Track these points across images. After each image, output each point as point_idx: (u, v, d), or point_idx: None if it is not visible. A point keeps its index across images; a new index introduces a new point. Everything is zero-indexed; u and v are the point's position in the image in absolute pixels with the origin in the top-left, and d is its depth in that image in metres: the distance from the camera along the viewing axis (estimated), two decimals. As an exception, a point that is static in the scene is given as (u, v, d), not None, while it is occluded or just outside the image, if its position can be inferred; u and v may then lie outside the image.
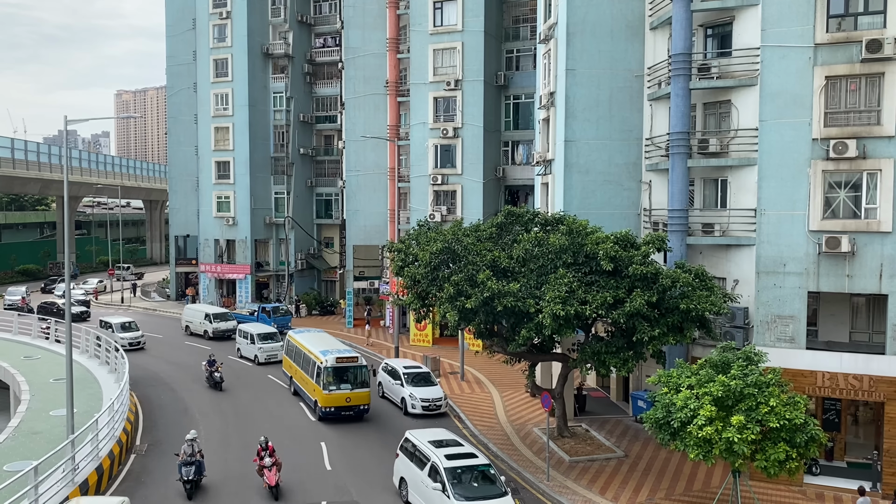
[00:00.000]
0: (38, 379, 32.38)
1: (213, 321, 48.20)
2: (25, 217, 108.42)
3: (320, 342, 32.50)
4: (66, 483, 20.15)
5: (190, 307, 51.70)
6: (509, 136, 46.77)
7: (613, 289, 22.26)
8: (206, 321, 48.42)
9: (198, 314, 49.37)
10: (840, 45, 21.97)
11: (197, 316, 49.39)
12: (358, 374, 29.58)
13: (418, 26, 45.76)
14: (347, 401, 29.17)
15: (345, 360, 29.68)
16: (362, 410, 29.66)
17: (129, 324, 44.95)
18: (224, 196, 58.89)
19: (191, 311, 50.57)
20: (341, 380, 29.30)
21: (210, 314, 48.74)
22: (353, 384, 29.44)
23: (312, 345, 31.87)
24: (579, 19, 29.46)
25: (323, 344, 31.98)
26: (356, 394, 29.38)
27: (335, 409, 29.11)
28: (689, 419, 18.30)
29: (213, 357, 35.48)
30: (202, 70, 58.87)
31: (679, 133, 25.61)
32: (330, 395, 29.00)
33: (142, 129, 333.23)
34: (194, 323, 49.47)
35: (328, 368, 29.20)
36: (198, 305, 53.06)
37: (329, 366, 29.27)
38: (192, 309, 50.73)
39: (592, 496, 22.14)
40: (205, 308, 50.74)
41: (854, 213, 22.19)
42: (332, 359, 29.53)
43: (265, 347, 40.86)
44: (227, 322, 48.56)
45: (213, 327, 48.02)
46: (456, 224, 27.53)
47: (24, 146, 79.00)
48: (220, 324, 48.23)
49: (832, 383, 22.30)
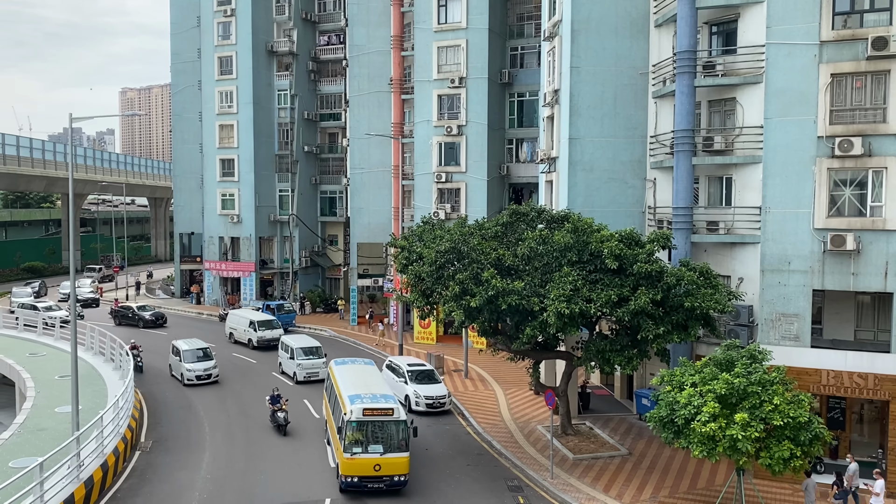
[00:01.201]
0: (44, 376, 32.49)
1: (258, 329, 43.86)
2: (31, 214, 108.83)
3: (356, 380, 25.31)
4: (71, 479, 20.22)
5: (234, 313, 47.37)
6: (513, 134, 46.73)
7: (618, 287, 22.24)
8: (250, 329, 44.24)
9: (242, 321, 45.19)
10: (846, 42, 21.89)
11: (241, 323, 45.21)
12: (393, 433, 22.10)
13: (423, 24, 45.73)
14: (376, 469, 21.72)
15: (376, 411, 22.10)
16: (397, 483, 22.08)
17: (203, 351, 35.96)
18: (228, 193, 58.97)
19: (235, 318, 46.41)
20: (370, 439, 22.02)
21: (255, 322, 44.35)
22: (386, 446, 21.96)
23: (346, 383, 24.95)
24: (584, 16, 29.40)
25: (358, 384, 24.80)
26: (389, 460, 21.83)
27: (359, 480, 21.79)
28: (692, 416, 18.29)
29: (278, 393, 28.88)
30: (206, 67, 58.94)
31: (684, 131, 25.55)
32: (352, 460, 21.72)
33: (146, 126, 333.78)
34: (238, 330, 45.44)
35: (352, 423, 21.91)
36: (242, 311, 48.21)
37: (354, 419, 21.92)
38: (237, 315, 46.53)
39: (596, 494, 22.14)
40: (249, 314, 46.17)
41: (859, 211, 22.11)
42: (358, 409, 22.04)
43: (305, 364, 35.62)
44: (273, 330, 44.20)
45: (257, 336, 43.67)
46: (460, 222, 27.52)
47: (29, 144, 79.22)
48: (265, 332, 43.81)
49: (837, 381, 22.25)
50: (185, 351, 35.50)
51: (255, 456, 25.35)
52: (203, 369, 34.95)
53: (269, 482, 22.93)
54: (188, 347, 35.75)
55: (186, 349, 35.58)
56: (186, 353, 35.39)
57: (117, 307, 54.26)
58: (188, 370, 34.65)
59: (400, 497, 21.99)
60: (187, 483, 22.81)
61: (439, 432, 28.29)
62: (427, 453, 25.77)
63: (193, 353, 35.41)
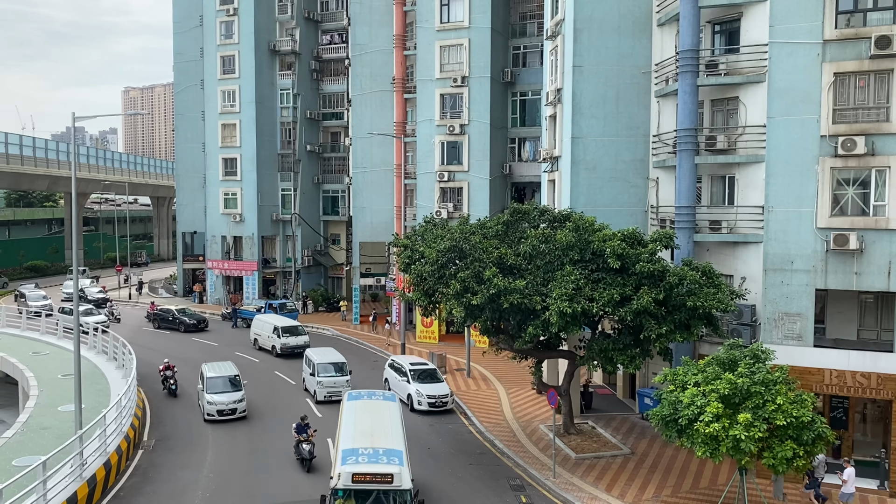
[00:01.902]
0: (47, 375, 32.55)
1: (281, 335, 41.27)
2: (33, 213, 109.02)
3: (362, 425, 20.38)
4: (74, 478, 20.27)
5: (259, 318, 44.76)
6: (516, 133, 46.71)
7: (620, 286, 22.22)
8: (274, 335, 41.73)
9: (266, 326, 42.66)
10: (849, 41, 21.84)
11: (265, 328, 42.75)
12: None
13: (425, 23, 45.72)
14: None
15: (370, 477, 17.16)
16: None
17: (231, 380, 29.93)
18: (231, 193, 59.03)
19: (259, 323, 43.90)
20: None
21: (279, 327, 41.83)
22: None
23: (347, 428, 20.22)
24: (586, 16, 29.38)
25: (363, 431, 19.93)
26: None
27: None
28: (695, 416, 18.27)
29: (306, 421, 24.47)
30: (209, 67, 59.00)
31: (686, 130, 25.53)
32: None
33: (149, 125, 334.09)
34: (262, 336, 42.95)
35: (337, 493, 17.20)
36: (267, 316, 45.24)
37: (340, 485, 17.11)
38: (261, 320, 43.94)
39: (599, 493, 22.13)
40: (273, 320, 43.53)
41: (862, 211, 22.07)
42: (347, 473, 17.19)
43: (325, 382, 31.72)
44: (298, 337, 41.57)
45: (281, 343, 41.02)
46: (462, 221, 27.53)
47: (32, 143, 79.32)
48: (289, 339, 41.19)
49: (840, 381, 22.21)
50: (211, 378, 29.71)
51: (258, 455, 25.30)
52: (229, 401, 28.94)
53: (271, 481, 22.92)
54: (215, 374, 30.00)
55: (212, 376, 29.84)
56: (212, 380, 29.62)
57: (154, 310, 51.99)
58: (209, 403, 28.78)
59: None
60: (190, 481, 22.85)
61: (441, 431, 28.30)
62: (429, 452, 25.78)
63: (219, 381, 29.66)
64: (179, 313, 50.57)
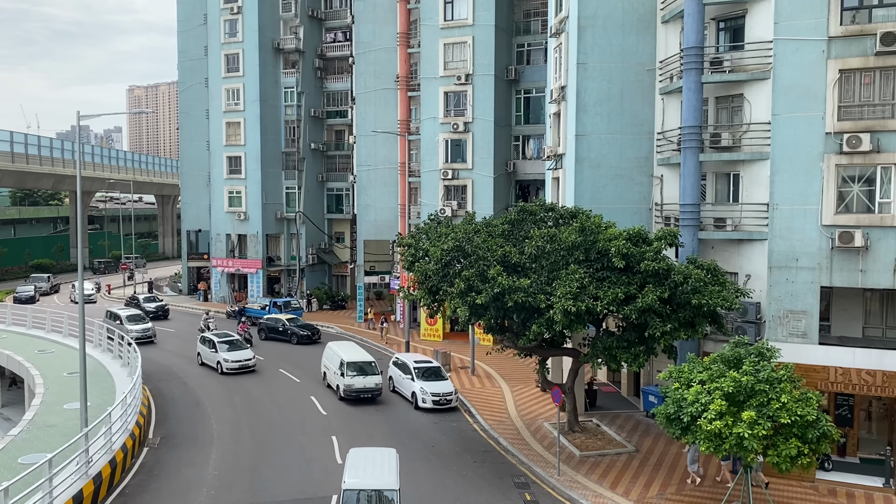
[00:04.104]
0: (52, 373, 32.64)
1: (346, 373, 31.69)
2: (39, 212, 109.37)
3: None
4: (79, 476, 20.33)
5: (331, 347, 35.16)
6: (520, 131, 46.66)
7: (625, 285, 22.19)
8: (339, 373, 32.24)
9: (335, 359, 33.35)
10: (854, 38, 21.76)
11: (333, 361, 33.49)
12: None
13: (429, 21, 45.69)
14: None
15: None
16: None
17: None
18: (235, 191, 59.11)
19: (330, 353, 34.72)
20: None
21: (344, 362, 32.10)
22: None
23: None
24: (590, 13, 29.33)
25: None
26: None
27: None
28: (699, 414, 18.26)
29: None
30: (213, 65, 59.07)
31: (691, 127, 25.47)
32: None
33: (154, 124, 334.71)
34: (330, 371, 34.02)
35: None
36: (339, 345, 35.46)
37: None
38: (332, 350, 34.71)
39: (603, 491, 22.13)
40: (342, 350, 34.03)
41: (868, 208, 22.00)
42: None
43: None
44: (369, 377, 31.81)
45: (344, 385, 31.52)
46: (467, 219, 27.51)
47: (37, 141, 79.57)
48: (354, 378, 31.58)
49: (845, 378, 22.17)
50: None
51: (263, 452, 25.29)
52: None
53: (276, 479, 22.98)
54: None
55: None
56: None
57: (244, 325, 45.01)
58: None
59: (407, 493, 21.99)
60: (195, 479, 22.91)
61: (446, 429, 28.31)
62: (433, 450, 25.80)
63: None
64: (290, 322, 45.46)
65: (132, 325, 44.58)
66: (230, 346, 37.93)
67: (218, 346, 37.62)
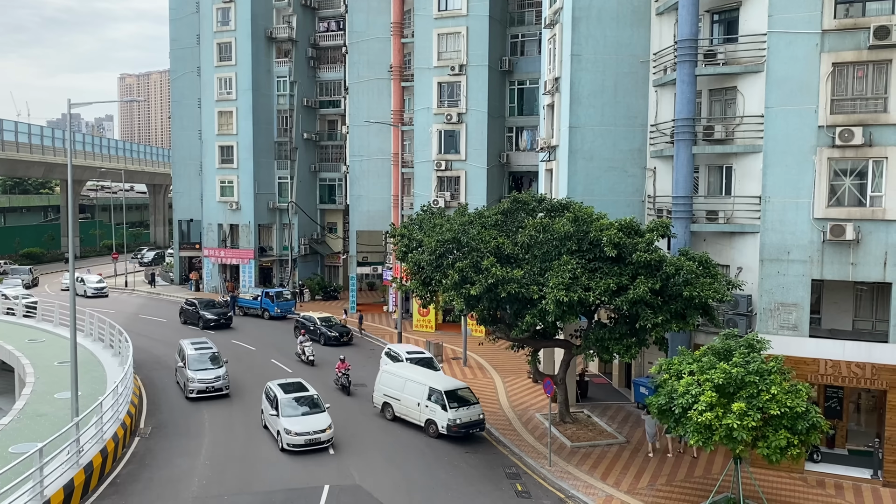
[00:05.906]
0: (43, 362, 32.53)
1: (448, 405, 25.45)
2: (29, 200, 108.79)
3: None
4: (70, 465, 20.29)
5: (388, 370, 28.48)
6: (514, 122, 46.61)
7: (617, 276, 22.23)
8: (431, 404, 25.92)
9: (410, 385, 26.98)
10: (847, 31, 21.79)
11: (407, 388, 27.10)
12: None
13: (423, 10, 45.51)
14: None
15: None
16: None
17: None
18: (227, 181, 58.88)
19: (389, 377, 28.03)
20: None
21: (442, 391, 25.80)
22: None
23: None
24: (585, 4, 29.26)
25: None
26: None
27: None
28: (690, 405, 18.34)
29: None
30: (206, 54, 58.69)
31: (684, 119, 25.48)
32: None
33: (145, 112, 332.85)
34: (401, 401, 27.12)
35: None
36: (404, 368, 28.66)
37: None
38: (392, 373, 28.14)
39: (594, 482, 22.24)
40: (422, 377, 27.28)
41: (859, 201, 22.09)
42: None
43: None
44: (471, 408, 25.88)
45: (447, 419, 25.30)
46: (460, 210, 27.48)
47: (27, 129, 79.05)
48: (458, 411, 25.47)
49: (835, 371, 22.31)
50: None
51: (254, 442, 25.29)
52: None
53: (268, 468, 22.99)
54: None
55: None
56: None
57: None
58: None
59: (398, 484, 22.07)
60: (187, 468, 22.90)
61: (438, 420, 28.32)
62: (425, 440, 25.83)
63: None
64: (323, 323, 42.07)
65: None
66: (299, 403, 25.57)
67: (280, 407, 25.29)
